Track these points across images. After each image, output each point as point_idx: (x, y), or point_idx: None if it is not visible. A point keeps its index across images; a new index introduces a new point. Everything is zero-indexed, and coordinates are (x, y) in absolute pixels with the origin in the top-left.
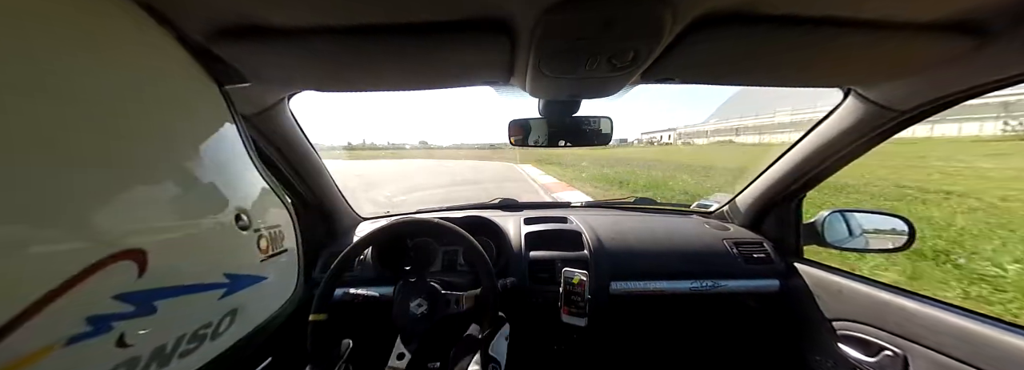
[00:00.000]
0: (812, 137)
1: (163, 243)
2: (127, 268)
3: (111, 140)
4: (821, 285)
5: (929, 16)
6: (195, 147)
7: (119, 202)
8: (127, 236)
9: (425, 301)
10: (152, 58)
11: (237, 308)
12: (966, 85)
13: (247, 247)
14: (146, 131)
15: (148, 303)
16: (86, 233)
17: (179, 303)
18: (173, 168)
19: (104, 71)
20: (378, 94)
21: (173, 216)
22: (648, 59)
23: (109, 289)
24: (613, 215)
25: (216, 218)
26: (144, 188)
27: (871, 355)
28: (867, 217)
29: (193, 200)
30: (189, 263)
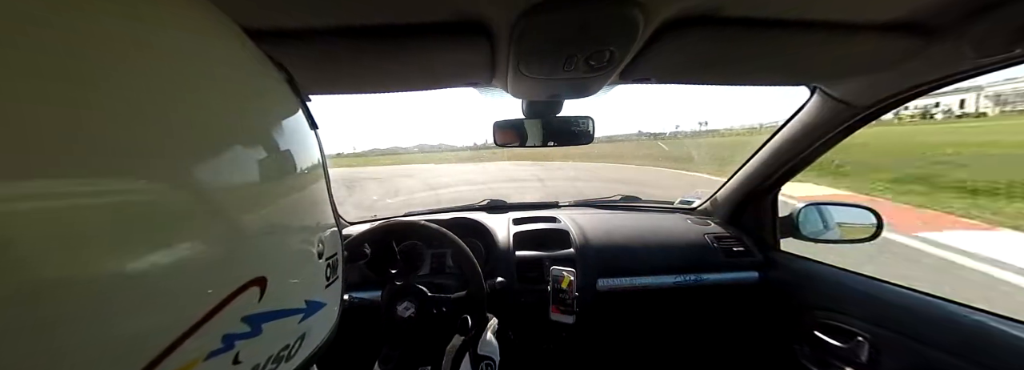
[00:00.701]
0: (783, 134)
1: (277, 270)
2: (254, 293)
3: (238, 163)
4: (798, 275)
5: (882, 17)
6: (299, 169)
7: (253, 228)
8: (257, 262)
9: (412, 304)
10: (245, 64)
11: (306, 332)
12: (920, 81)
13: (320, 274)
14: (262, 150)
15: (259, 325)
16: (237, 258)
17: (275, 326)
18: (285, 192)
19: (211, 83)
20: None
21: (285, 244)
22: (624, 60)
23: (240, 311)
24: (599, 214)
25: (310, 246)
26: (267, 214)
27: (845, 341)
28: (839, 210)
29: (298, 227)
30: (288, 290)
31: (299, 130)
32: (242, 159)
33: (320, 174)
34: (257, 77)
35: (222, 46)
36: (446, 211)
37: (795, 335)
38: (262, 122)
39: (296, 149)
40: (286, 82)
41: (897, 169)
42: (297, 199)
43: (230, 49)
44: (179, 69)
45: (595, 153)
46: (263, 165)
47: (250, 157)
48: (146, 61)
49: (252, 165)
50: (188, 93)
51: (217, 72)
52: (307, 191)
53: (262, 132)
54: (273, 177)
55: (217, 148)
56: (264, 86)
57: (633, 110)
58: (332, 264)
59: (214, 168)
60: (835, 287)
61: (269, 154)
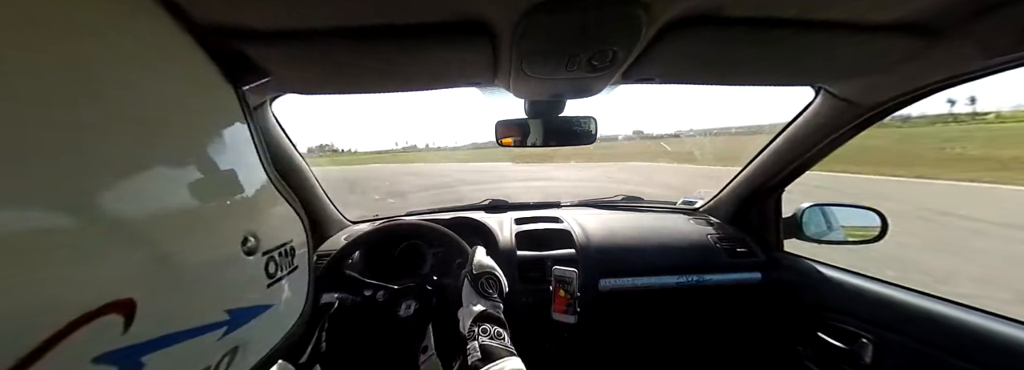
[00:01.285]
0: (787, 134)
1: (155, 288)
2: (111, 323)
3: (108, 152)
4: (801, 276)
5: (887, 17)
6: (206, 161)
7: (108, 241)
8: (114, 285)
9: (414, 302)
10: (162, 52)
11: (239, 345)
12: (924, 82)
13: (253, 275)
14: (150, 140)
15: (134, 360)
16: (69, 284)
17: (170, 354)
18: (180, 190)
19: (115, 64)
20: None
21: (171, 253)
22: (627, 60)
23: (89, 351)
24: (601, 213)
25: (221, 248)
26: (141, 220)
27: (848, 343)
28: (843, 210)
29: (197, 229)
30: (183, 306)
31: (215, 124)
32: (105, 145)
33: (245, 161)
34: (172, 60)
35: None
36: (448, 211)
37: (798, 336)
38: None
39: (201, 146)
40: (218, 71)
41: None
42: (189, 196)
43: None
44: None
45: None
46: (112, 154)
47: (92, 139)
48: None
49: (90, 149)
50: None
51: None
52: (212, 185)
53: (116, 107)
54: (144, 173)
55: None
56: (179, 70)
57: (666, 108)
58: (281, 254)
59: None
60: (838, 288)
61: (147, 130)
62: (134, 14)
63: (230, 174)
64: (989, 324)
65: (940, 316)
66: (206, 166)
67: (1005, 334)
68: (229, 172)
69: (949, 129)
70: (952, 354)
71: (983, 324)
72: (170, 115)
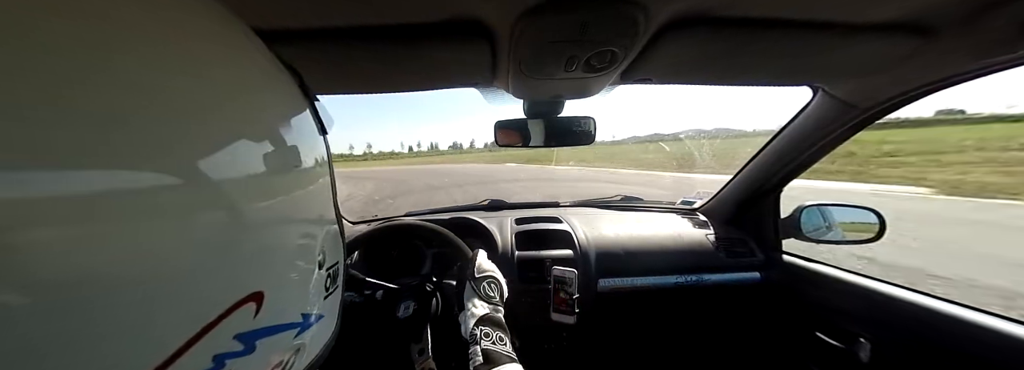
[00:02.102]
0: (785, 135)
1: (274, 285)
2: (249, 309)
3: (240, 172)
4: (799, 276)
5: (885, 17)
6: (305, 176)
7: (250, 242)
8: (254, 277)
9: (413, 302)
10: (252, 67)
11: (301, 346)
12: (921, 82)
13: (319, 286)
14: (267, 159)
15: (252, 343)
16: (230, 274)
17: (269, 342)
18: (292, 200)
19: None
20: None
21: (284, 257)
22: (625, 60)
23: (233, 329)
24: (600, 214)
25: (310, 257)
26: (265, 226)
27: (846, 343)
28: (841, 210)
29: (299, 238)
30: (284, 304)
31: (305, 135)
32: (245, 168)
33: (326, 180)
34: (264, 81)
35: (230, 49)
36: (447, 211)
37: (796, 336)
38: (267, 128)
39: (302, 156)
40: (297, 85)
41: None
42: (300, 208)
43: (238, 52)
44: (185, 71)
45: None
46: (266, 175)
47: (253, 166)
48: (151, 61)
49: (255, 175)
50: (194, 98)
51: (222, 76)
52: (311, 199)
53: (267, 139)
54: (277, 186)
55: (221, 155)
56: (271, 91)
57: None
58: (332, 274)
59: (215, 177)
60: (837, 288)
61: (274, 163)
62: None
63: (319, 193)
64: (988, 323)
65: (938, 315)
66: (307, 185)
67: (1003, 333)
68: (318, 191)
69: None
70: (951, 353)
71: (981, 323)
72: (274, 131)
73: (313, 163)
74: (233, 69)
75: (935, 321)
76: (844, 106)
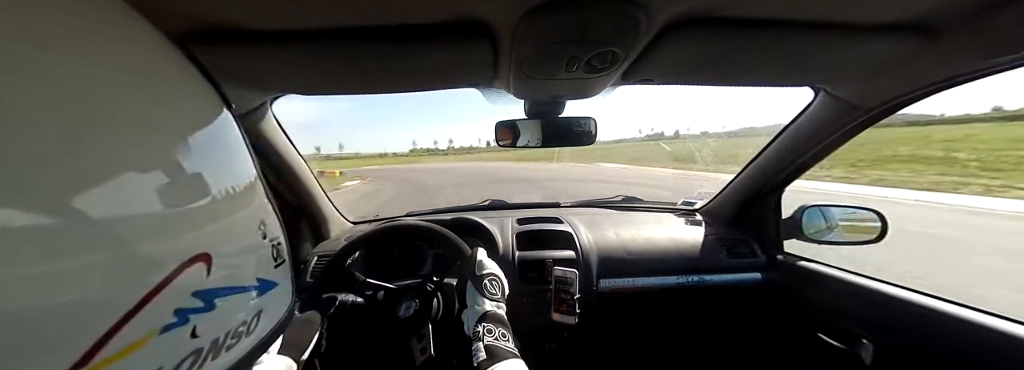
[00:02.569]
0: (787, 135)
1: (220, 247)
2: (201, 269)
3: (162, 149)
4: (800, 277)
5: (888, 17)
6: (221, 155)
7: (192, 207)
8: (200, 239)
9: (415, 302)
10: (155, 61)
11: (262, 309)
12: (925, 82)
13: (267, 255)
14: (182, 140)
15: (211, 300)
16: (180, 235)
17: (228, 302)
18: (217, 177)
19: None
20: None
21: (225, 224)
22: (626, 61)
23: (190, 286)
24: (601, 214)
25: (251, 227)
26: (202, 195)
27: (848, 344)
28: (842, 211)
29: (236, 209)
30: (235, 267)
31: (214, 119)
32: (164, 149)
33: (247, 161)
34: (173, 77)
35: (132, 48)
36: (448, 211)
37: (798, 337)
38: (176, 113)
39: (215, 139)
40: (204, 78)
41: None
42: (227, 183)
43: (142, 50)
44: (86, 60)
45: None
46: (184, 152)
47: (171, 146)
48: (72, 63)
49: (173, 153)
50: (105, 82)
51: (125, 63)
52: (236, 175)
53: (179, 124)
54: (197, 163)
55: (139, 138)
56: (172, 74)
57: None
58: (277, 247)
59: (137, 156)
60: (839, 289)
61: (189, 143)
62: (105, 21)
63: (242, 171)
64: (991, 324)
65: (941, 316)
66: (227, 163)
67: (1006, 334)
68: (241, 170)
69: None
70: (953, 355)
71: (985, 323)
72: (175, 114)
73: (230, 146)
74: (144, 69)
75: (938, 322)
76: (846, 106)
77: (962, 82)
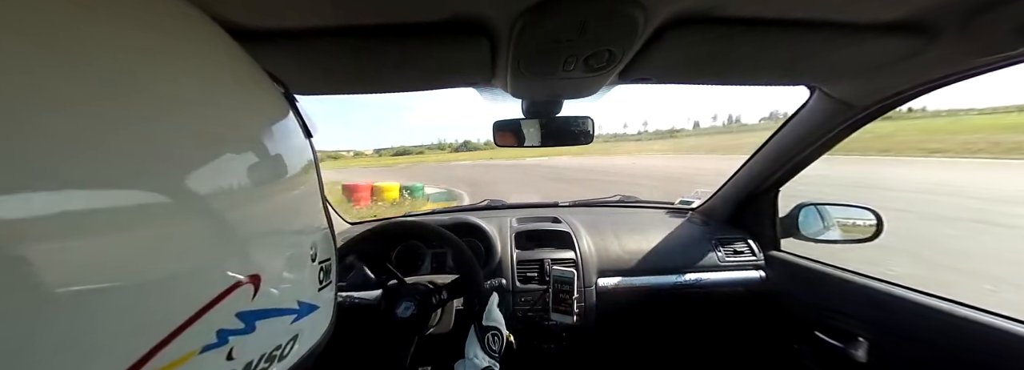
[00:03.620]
0: (783, 134)
1: (271, 269)
2: (248, 290)
3: (230, 168)
4: (798, 276)
5: (883, 16)
6: (290, 175)
7: (249, 227)
8: (253, 260)
9: (412, 303)
10: (230, 68)
11: (298, 333)
12: (919, 81)
13: (313, 277)
14: (253, 156)
15: (252, 323)
16: (234, 255)
17: (268, 325)
18: (280, 195)
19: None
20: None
21: (279, 245)
22: (624, 60)
23: (235, 307)
24: (599, 213)
25: (303, 249)
26: (262, 215)
27: (845, 341)
28: (838, 209)
29: (290, 229)
30: (281, 290)
31: (291, 138)
32: (234, 165)
33: (313, 181)
34: (249, 85)
35: (215, 56)
36: (446, 212)
37: (796, 335)
38: (254, 130)
39: (287, 156)
40: (281, 92)
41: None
42: (288, 203)
43: (223, 58)
44: (172, 76)
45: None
46: (254, 170)
47: (242, 163)
48: (141, 68)
49: (243, 170)
50: (184, 99)
51: (209, 79)
52: (298, 196)
53: (254, 140)
54: (264, 182)
55: (210, 154)
56: (257, 94)
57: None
58: (325, 268)
59: (207, 173)
60: (836, 287)
61: (261, 160)
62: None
63: (308, 191)
64: (988, 322)
65: (938, 315)
66: (294, 181)
67: (1003, 332)
68: (305, 187)
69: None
70: (950, 353)
71: (982, 321)
72: (254, 125)
73: (299, 165)
74: (220, 77)
75: (934, 320)
76: (841, 105)
77: (955, 81)
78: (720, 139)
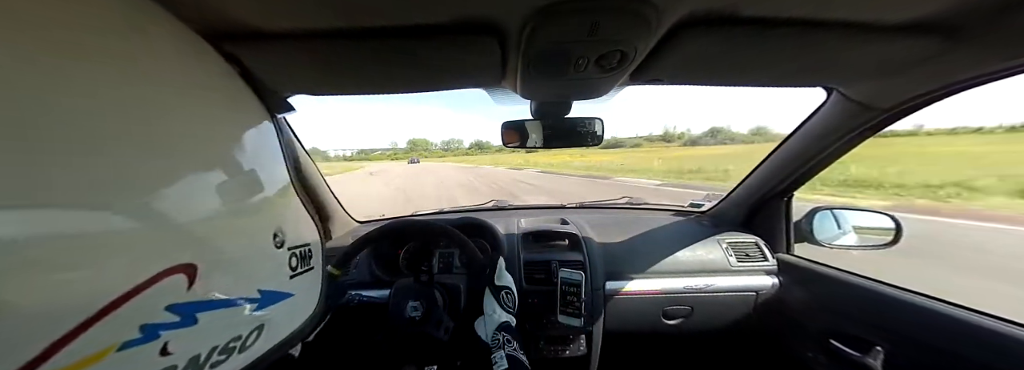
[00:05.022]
0: (798, 136)
1: (211, 258)
2: (180, 281)
3: (163, 151)
4: (812, 282)
5: (905, 17)
6: (243, 158)
7: (179, 215)
8: (184, 249)
9: (421, 303)
10: (183, 60)
11: (264, 323)
12: (942, 83)
13: (280, 264)
14: (195, 142)
15: (191, 315)
16: (154, 244)
17: (216, 316)
18: (226, 182)
19: (143, 74)
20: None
21: (223, 232)
22: (635, 60)
23: (163, 300)
24: (607, 216)
25: (258, 236)
26: (200, 202)
27: (860, 349)
28: (855, 214)
29: (242, 216)
30: (230, 278)
31: (249, 125)
32: (163, 144)
33: (274, 165)
34: (197, 68)
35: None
36: (453, 212)
37: (809, 343)
38: (195, 114)
39: (238, 140)
40: (239, 75)
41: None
42: (238, 187)
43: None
44: (113, 59)
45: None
46: (190, 155)
47: (175, 144)
48: (79, 52)
49: (175, 152)
50: (126, 83)
51: (152, 59)
52: (253, 181)
53: (196, 124)
54: (203, 167)
55: (141, 133)
56: (205, 78)
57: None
58: (301, 254)
59: (126, 149)
60: (851, 294)
61: (200, 143)
62: (148, 26)
63: (266, 176)
64: (1010, 331)
65: (959, 324)
66: (248, 167)
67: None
68: (265, 174)
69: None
70: (969, 364)
71: (1006, 333)
72: (201, 114)
73: (258, 151)
74: (173, 66)
75: (955, 330)
76: (860, 108)
77: (982, 83)
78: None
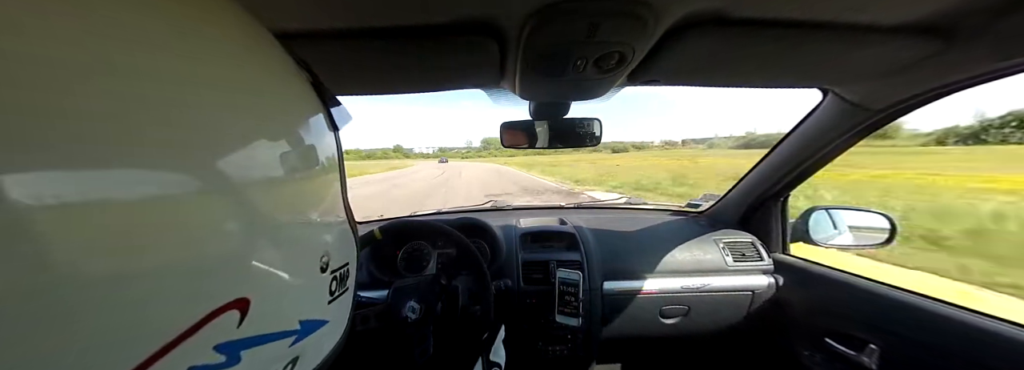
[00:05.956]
0: (794, 137)
1: (264, 289)
2: (233, 317)
3: (223, 172)
4: (808, 281)
5: (900, 18)
6: (308, 176)
7: (242, 240)
8: (243, 281)
9: (419, 304)
10: (264, 68)
11: (299, 355)
12: (937, 84)
13: (321, 291)
14: (268, 158)
15: (236, 353)
16: (217, 276)
17: (258, 352)
18: (288, 201)
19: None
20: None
21: (278, 258)
22: (633, 61)
23: (213, 339)
24: (605, 216)
25: (307, 262)
26: (261, 223)
27: (855, 348)
28: (851, 214)
29: (298, 240)
30: (277, 311)
31: (312, 133)
32: (246, 170)
33: (333, 179)
34: (276, 81)
35: (245, 50)
36: (452, 213)
37: (805, 342)
38: (270, 125)
39: (304, 153)
40: (310, 84)
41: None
42: (299, 208)
43: (253, 53)
44: (199, 72)
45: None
46: (267, 178)
47: (254, 169)
48: (164, 63)
49: (253, 179)
50: (193, 95)
51: (236, 77)
52: (314, 199)
53: (267, 140)
54: (273, 190)
55: (218, 150)
56: (282, 91)
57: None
58: (340, 276)
59: (205, 173)
60: (846, 293)
61: (277, 165)
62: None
63: (324, 191)
64: (1005, 331)
65: (953, 323)
66: (311, 184)
67: (1020, 342)
68: (324, 189)
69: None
70: (963, 362)
71: (999, 331)
72: (279, 132)
73: (320, 163)
74: (246, 71)
75: (947, 328)
76: (855, 108)
77: (976, 84)
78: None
